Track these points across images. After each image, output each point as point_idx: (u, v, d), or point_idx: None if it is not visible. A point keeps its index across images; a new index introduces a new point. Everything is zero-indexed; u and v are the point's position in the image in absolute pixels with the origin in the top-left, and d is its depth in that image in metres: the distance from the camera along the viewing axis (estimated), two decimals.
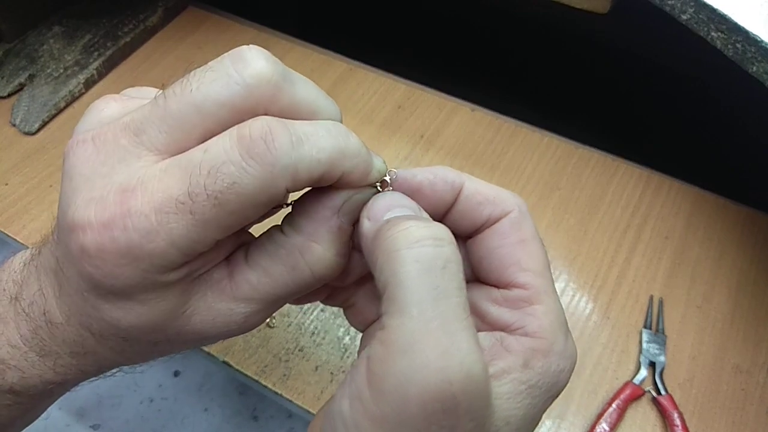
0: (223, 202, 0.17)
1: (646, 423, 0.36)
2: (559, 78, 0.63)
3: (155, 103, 0.18)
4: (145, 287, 0.18)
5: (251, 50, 0.18)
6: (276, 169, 0.17)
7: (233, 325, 0.20)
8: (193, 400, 0.58)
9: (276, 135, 0.17)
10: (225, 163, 0.17)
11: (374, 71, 0.53)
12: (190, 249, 0.18)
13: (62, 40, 0.55)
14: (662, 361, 0.37)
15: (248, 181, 0.17)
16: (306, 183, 0.18)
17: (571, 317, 0.40)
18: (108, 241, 0.17)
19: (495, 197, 0.21)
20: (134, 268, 0.18)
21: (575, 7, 0.43)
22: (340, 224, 0.20)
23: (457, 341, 0.16)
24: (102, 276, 0.18)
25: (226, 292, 0.20)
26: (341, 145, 0.19)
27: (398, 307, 0.17)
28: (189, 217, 0.17)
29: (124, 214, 0.17)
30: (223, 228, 0.18)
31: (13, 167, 0.47)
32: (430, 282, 0.17)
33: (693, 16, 0.34)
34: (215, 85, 0.18)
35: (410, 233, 0.18)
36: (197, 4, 0.59)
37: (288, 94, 0.19)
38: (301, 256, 0.20)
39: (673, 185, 0.46)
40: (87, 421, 0.56)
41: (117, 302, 0.19)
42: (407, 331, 0.16)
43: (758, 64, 0.32)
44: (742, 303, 0.40)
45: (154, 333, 0.20)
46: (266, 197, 0.17)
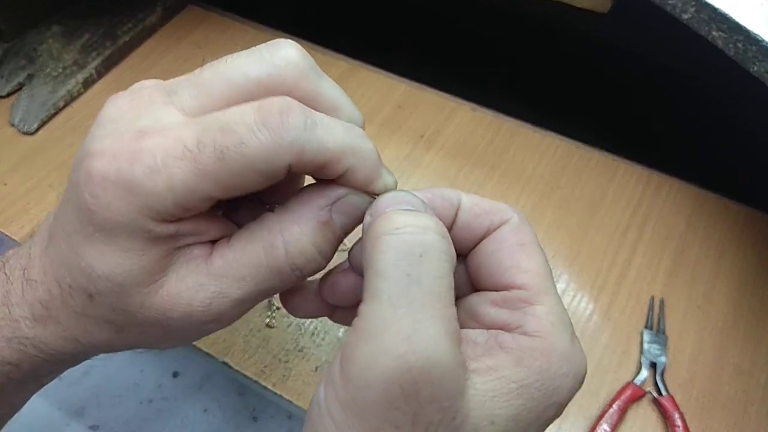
0: (227, 158, 0.17)
1: (647, 424, 0.35)
2: (560, 78, 0.62)
3: (192, 72, 0.20)
4: (132, 231, 0.18)
5: (286, 41, 0.20)
6: (284, 141, 0.18)
7: (198, 305, 0.20)
8: (192, 401, 0.58)
9: (293, 112, 0.18)
10: (238, 124, 0.18)
11: (374, 71, 0.53)
12: (185, 199, 0.18)
13: (61, 39, 0.55)
14: (663, 362, 0.37)
15: (255, 144, 0.17)
16: (310, 166, 0.18)
17: (572, 318, 0.39)
18: (113, 170, 0.18)
19: (492, 208, 0.22)
20: (129, 203, 0.18)
21: (576, 6, 0.43)
22: (329, 219, 0.20)
23: (423, 328, 0.16)
24: (97, 206, 0.18)
25: (201, 267, 0.20)
26: (354, 143, 0.19)
27: (371, 294, 0.17)
28: (192, 165, 0.18)
29: (135, 150, 0.18)
30: (221, 186, 0.18)
31: (12, 167, 0.47)
32: (404, 269, 0.17)
33: (694, 15, 0.34)
34: (247, 60, 0.19)
35: (390, 220, 0.18)
36: (196, 4, 0.59)
37: (313, 83, 0.20)
38: (280, 235, 0.20)
39: (673, 185, 0.46)
40: (86, 421, 0.56)
41: (99, 244, 0.19)
42: (376, 317, 0.17)
43: (759, 64, 0.32)
44: (743, 303, 0.40)
45: (120, 296, 0.19)
46: (268, 166, 0.18)
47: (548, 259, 0.45)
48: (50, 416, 0.56)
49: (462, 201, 0.21)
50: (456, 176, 0.46)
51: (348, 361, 0.17)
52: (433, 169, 0.47)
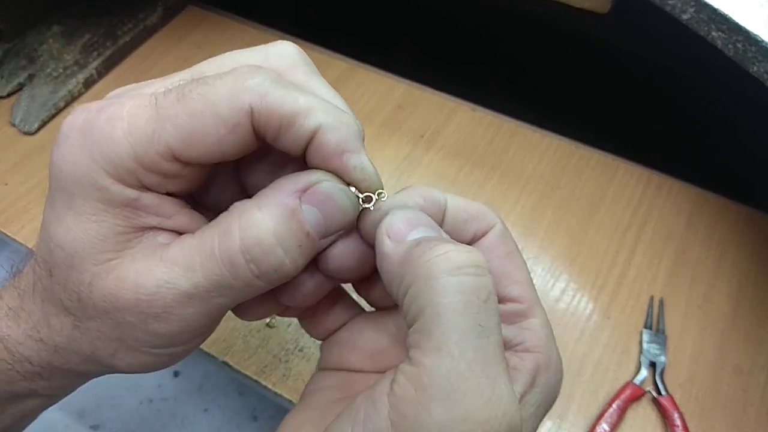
0: (188, 98, 0.17)
1: (646, 423, 0.36)
2: (560, 78, 0.62)
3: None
4: (87, 189, 0.17)
5: (287, 41, 0.20)
6: (247, 82, 0.17)
7: (143, 292, 0.18)
8: (192, 401, 0.58)
9: (263, 69, 0.17)
10: (208, 74, 0.17)
11: (374, 71, 0.53)
12: (142, 148, 0.17)
13: (61, 39, 0.55)
14: (663, 362, 0.37)
15: (217, 85, 0.17)
16: (274, 117, 0.17)
17: (572, 317, 0.39)
18: (81, 119, 0.17)
19: (479, 213, 0.20)
20: (85, 151, 0.17)
21: (575, 6, 0.43)
22: (297, 209, 0.17)
23: (499, 388, 0.15)
24: (57, 157, 0.18)
25: (156, 254, 0.18)
26: (328, 106, 0.18)
27: (435, 344, 0.15)
28: (152, 110, 0.17)
29: (108, 103, 0.18)
30: (179, 133, 0.17)
31: (13, 167, 0.47)
32: (474, 318, 0.15)
33: (693, 15, 0.34)
34: (242, 52, 0.20)
35: (451, 259, 0.16)
36: (196, 4, 0.59)
37: (303, 75, 0.19)
38: (238, 219, 0.18)
39: (673, 185, 0.46)
40: (86, 421, 0.56)
41: (58, 207, 0.18)
42: (446, 374, 0.15)
43: (759, 64, 0.32)
44: (743, 303, 0.40)
45: (72, 269, 0.18)
46: (228, 108, 0.17)
47: (548, 259, 0.46)
48: (50, 416, 0.56)
49: (448, 205, 0.20)
50: (456, 176, 0.46)
51: (410, 420, 0.15)
52: (433, 169, 0.47)
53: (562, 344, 0.38)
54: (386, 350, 0.22)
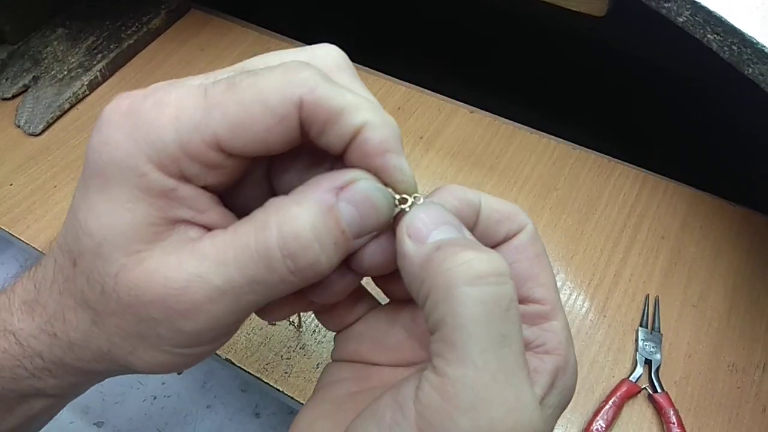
0: (237, 88, 0.17)
1: (642, 420, 0.36)
2: (557, 80, 0.63)
3: None
4: (125, 174, 0.17)
5: (331, 44, 0.20)
6: (297, 75, 0.17)
7: (172, 285, 0.17)
8: (195, 398, 0.58)
9: (312, 66, 0.17)
10: (258, 66, 0.18)
11: (374, 73, 0.54)
12: (188, 136, 0.16)
13: (66, 42, 0.55)
14: (658, 359, 0.38)
15: (267, 77, 0.17)
16: (322, 111, 0.17)
17: (568, 316, 0.40)
18: (124, 105, 0.17)
19: (511, 213, 0.20)
20: (128, 135, 0.17)
21: (572, 9, 0.44)
22: (334, 206, 0.17)
23: (523, 396, 0.16)
24: (97, 141, 0.17)
25: (187, 247, 0.17)
26: (374, 106, 0.18)
27: (459, 355, 0.15)
28: (201, 98, 0.17)
29: (154, 89, 0.17)
30: (227, 123, 0.16)
31: (18, 168, 0.48)
32: (496, 327, 0.15)
33: (689, 18, 0.35)
34: (289, 51, 0.19)
35: (472, 268, 0.16)
36: (200, 7, 0.60)
37: (346, 78, 0.19)
38: (276, 214, 0.17)
39: (669, 186, 0.47)
40: (91, 418, 0.57)
41: (92, 193, 0.17)
42: (470, 385, 0.15)
43: (754, 66, 0.33)
44: (738, 302, 0.41)
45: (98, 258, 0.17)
46: (278, 99, 0.16)
47: None
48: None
49: (482, 205, 0.20)
50: (455, 177, 0.47)
51: (436, 429, 0.15)
52: (432, 170, 0.47)
53: None
54: (402, 343, 0.22)
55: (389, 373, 0.21)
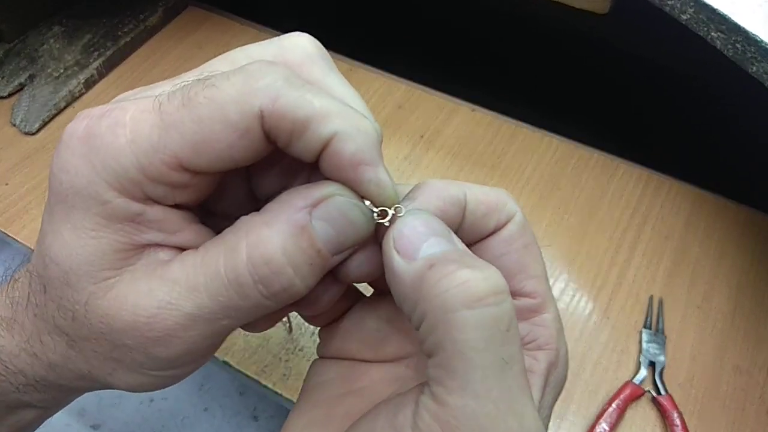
0: (193, 103, 0.15)
1: (645, 423, 0.36)
2: (559, 78, 0.63)
3: None
4: (88, 201, 0.16)
5: (302, 33, 0.19)
6: (257, 83, 0.15)
7: (141, 313, 0.16)
8: (193, 400, 0.58)
9: (275, 65, 0.16)
10: (215, 74, 0.16)
11: (374, 71, 0.53)
12: (147, 158, 0.16)
13: (62, 40, 0.55)
14: (662, 361, 0.37)
15: (225, 87, 0.15)
16: (286, 122, 0.15)
17: (571, 317, 0.40)
18: (81, 127, 0.16)
19: (497, 203, 0.19)
20: (87, 161, 0.16)
21: (575, 7, 0.44)
22: (307, 225, 0.16)
23: (526, 422, 0.15)
24: (57, 167, 0.16)
25: (157, 272, 0.17)
26: (346, 110, 0.16)
27: (460, 383, 0.15)
28: (157, 116, 0.16)
29: (110, 109, 0.16)
30: (185, 141, 0.15)
31: (14, 167, 0.47)
32: (497, 351, 0.15)
33: (693, 16, 0.34)
34: (254, 46, 0.18)
35: (469, 289, 0.15)
36: (197, 4, 0.60)
37: (319, 71, 0.18)
38: (245, 236, 0.16)
39: (672, 185, 0.46)
40: (87, 421, 0.56)
41: (56, 221, 0.17)
42: (471, 415, 0.15)
43: (758, 64, 0.32)
44: (742, 303, 0.40)
45: (67, 287, 0.17)
46: (237, 112, 0.15)
47: (548, 259, 0.46)
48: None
49: (468, 200, 0.19)
50: (456, 176, 0.46)
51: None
52: (432, 169, 0.47)
53: None
54: (387, 338, 0.21)
55: (376, 370, 0.21)
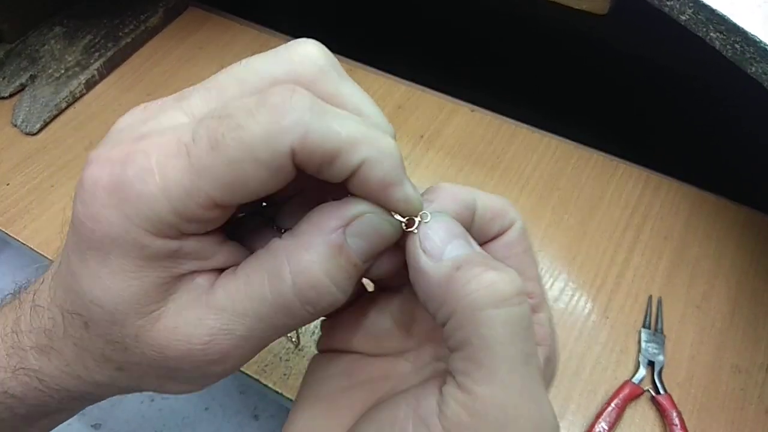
0: (222, 146, 0.15)
1: (645, 422, 0.36)
2: (559, 78, 0.63)
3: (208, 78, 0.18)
4: (125, 248, 0.16)
5: (308, 40, 0.18)
6: (285, 121, 0.15)
7: (196, 342, 0.17)
8: (193, 400, 0.58)
9: (297, 94, 0.16)
10: (237, 108, 0.16)
11: (374, 72, 0.53)
12: (181, 203, 0.16)
13: (63, 40, 0.55)
14: (661, 361, 0.37)
15: (252, 126, 0.15)
16: (317, 155, 0.16)
17: (570, 317, 0.40)
18: (105, 175, 0.16)
19: (502, 210, 0.21)
20: (120, 211, 0.16)
21: (574, 8, 0.44)
22: (342, 243, 0.17)
23: (545, 410, 0.16)
24: (87, 216, 0.16)
25: (201, 299, 0.18)
26: (370, 134, 0.16)
27: (486, 374, 0.16)
28: (185, 161, 0.16)
29: (129, 152, 0.16)
30: (219, 182, 0.16)
31: (15, 167, 0.47)
32: (521, 347, 0.16)
33: (692, 16, 0.34)
34: (261, 60, 0.18)
35: (496, 291, 0.16)
36: (198, 5, 0.60)
37: (333, 83, 0.18)
38: (287, 263, 0.17)
39: (672, 185, 0.46)
40: (88, 420, 0.57)
41: (92, 264, 0.17)
42: (498, 403, 0.16)
43: (757, 65, 0.33)
44: (741, 303, 0.40)
45: (114, 325, 0.17)
46: (269, 152, 0.15)
47: (548, 259, 0.46)
48: None
49: (477, 205, 0.20)
50: (456, 176, 0.47)
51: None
52: (432, 169, 0.47)
53: (561, 343, 0.38)
54: (389, 333, 0.22)
55: (378, 364, 0.22)
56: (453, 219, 0.19)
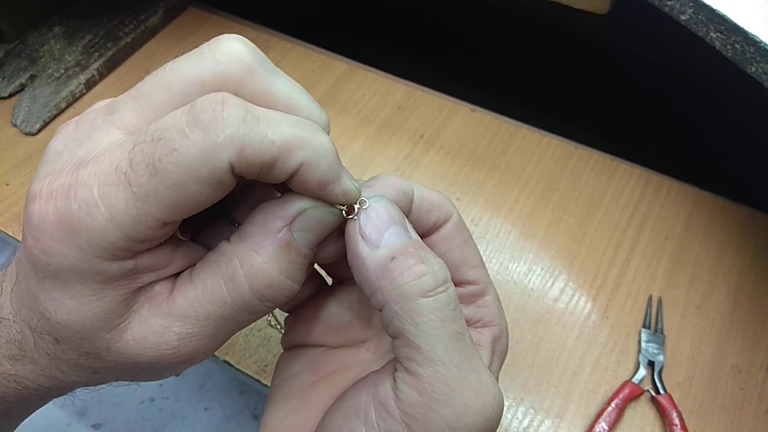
0: (162, 171, 0.15)
1: (645, 422, 0.36)
2: (559, 78, 0.63)
3: (134, 86, 0.18)
4: (82, 275, 0.17)
5: (230, 36, 0.18)
6: (219, 138, 0.15)
7: (165, 348, 0.18)
8: (193, 400, 0.58)
9: (227, 105, 0.16)
10: (169, 129, 0.16)
11: (374, 72, 0.53)
12: (132, 229, 0.16)
13: (63, 40, 0.55)
14: (661, 361, 0.37)
15: (187, 147, 0.15)
16: (256, 166, 0.16)
17: (571, 317, 0.40)
18: (50, 211, 0.16)
19: (439, 203, 0.22)
20: (72, 245, 0.16)
21: (574, 7, 0.44)
22: (291, 240, 0.18)
23: (483, 378, 0.18)
24: (39, 251, 0.16)
25: (162, 307, 0.18)
26: (305, 136, 0.17)
27: (426, 356, 0.18)
28: (127, 189, 0.16)
29: (70, 185, 0.16)
30: (165, 206, 0.16)
31: (14, 167, 0.47)
32: (451, 327, 0.18)
33: (692, 16, 0.34)
34: (186, 63, 0.17)
35: (426, 282, 0.18)
36: (197, 5, 0.60)
37: (262, 80, 0.18)
38: (240, 266, 0.18)
39: (672, 185, 0.46)
40: (88, 420, 0.57)
41: (52, 292, 0.17)
42: (442, 380, 0.18)
43: (757, 65, 0.33)
44: (741, 303, 0.40)
45: (84, 341, 0.18)
46: (207, 170, 0.15)
47: (547, 259, 0.46)
48: (52, 414, 0.56)
49: (414, 195, 0.21)
50: (456, 176, 0.47)
51: (422, 422, 0.18)
52: (432, 169, 0.47)
53: (561, 343, 0.38)
54: (350, 324, 0.24)
55: (340, 355, 0.23)
56: (393, 204, 0.20)
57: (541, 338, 0.39)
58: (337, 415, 0.20)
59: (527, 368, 0.37)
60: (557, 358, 0.38)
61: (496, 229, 0.44)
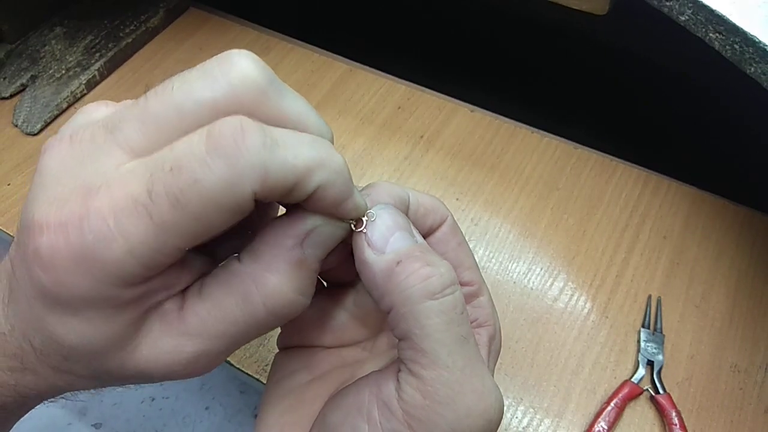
0: (184, 203, 0.15)
1: (644, 422, 0.36)
2: (558, 79, 0.63)
3: (136, 102, 0.17)
4: (96, 302, 0.16)
5: (240, 53, 0.17)
6: (242, 167, 0.15)
7: (178, 366, 0.18)
8: (194, 399, 0.58)
9: (247, 132, 0.15)
10: (189, 158, 0.15)
11: (374, 72, 0.53)
12: (150, 259, 0.16)
13: (64, 41, 0.55)
14: (660, 360, 0.37)
15: (210, 178, 0.15)
16: (277, 191, 0.16)
17: (570, 316, 0.40)
18: (62, 244, 0.16)
19: (434, 207, 0.23)
20: (87, 277, 0.16)
21: (574, 8, 0.44)
22: (303, 257, 0.18)
23: (486, 381, 0.19)
24: (51, 283, 0.16)
25: (174, 326, 0.18)
26: (322, 157, 0.17)
27: (431, 359, 0.18)
28: (147, 221, 0.15)
29: (82, 215, 0.15)
30: (186, 235, 0.16)
31: (16, 168, 0.47)
32: (456, 330, 0.18)
33: (691, 17, 0.35)
34: (197, 84, 0.17)
35: (432, 285, 0.18)
36: (198, 6, 0.60)
37: (275, 102, 0.17)
38: (255, 287, 0.18)
39: (671, 185, 0.46)
40: (89, 420, 0.57)
41: (62, 317, 0.17)
42: (445, 383, 0.18)
43: (756, 65, 0.33)
44: (741, 302, 0.40)
45: (95, 360, 0.18)
46: (230, 200, 0.15)
47: (547, 259, 0.46)
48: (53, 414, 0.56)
49: (410, 201, 0.22)
50: (455, 177, 0.47)
51: (425, 423, 0.18)
52: (432, 169, 0.47)
53: (560, 343, 0.38)
54: (346, 326, 0.24)
55: (335, 355, 0.24)
56: (397, 210, 0.20)
57: (541, 338, 0.39)
58: (338, 412, 0.20)
59: (527, 368, 0.37)
60: (556, 357, 0.38)
61: (496, 228, 0.44)
